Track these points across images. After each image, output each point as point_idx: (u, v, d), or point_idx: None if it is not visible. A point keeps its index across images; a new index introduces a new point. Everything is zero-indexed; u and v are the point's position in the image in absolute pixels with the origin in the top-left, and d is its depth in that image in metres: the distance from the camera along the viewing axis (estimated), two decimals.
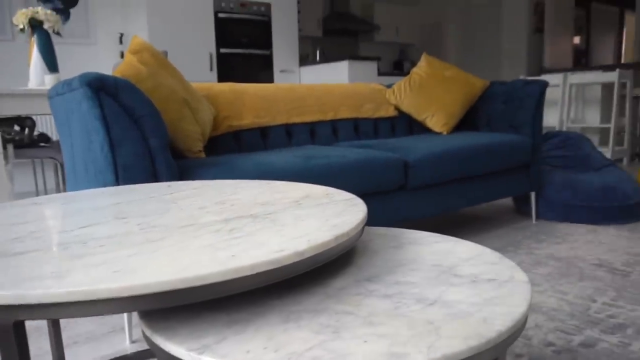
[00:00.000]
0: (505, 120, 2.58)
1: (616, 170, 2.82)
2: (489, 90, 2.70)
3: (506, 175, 2.43)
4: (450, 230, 2.55)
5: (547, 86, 2.51)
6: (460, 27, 8.38)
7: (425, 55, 2.73)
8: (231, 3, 4.93)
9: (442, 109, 2.55)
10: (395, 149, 2.03)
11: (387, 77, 5.66)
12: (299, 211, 0.86)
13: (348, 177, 1.71)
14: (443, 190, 2.14)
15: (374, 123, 2.60)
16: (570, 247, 2.21)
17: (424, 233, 0.96)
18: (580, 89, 5.07)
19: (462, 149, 2.14)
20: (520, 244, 2.28)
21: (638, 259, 2.01)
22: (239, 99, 2.17)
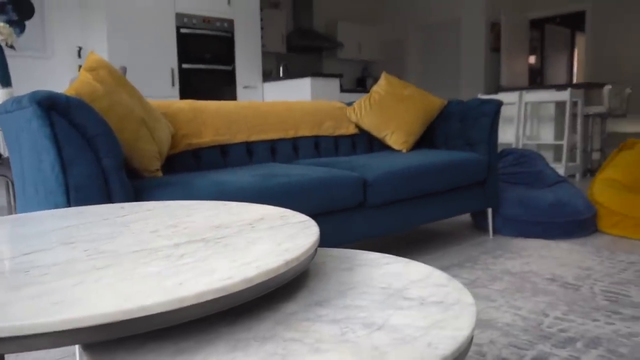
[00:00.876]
0: (462, 138, 2.64)
1: (568, 186, 2.92)
2: (447, 108, 2.77)
3: (463, 192, 2.49)
4: (410, 247, 2.59)
5: (501, 105, 2.59)
6: (421, 46, 8.59)
7: (385, 74, 2.78)
8: (194, 19, 4.91)
9: (402, 127, 2.60)
10: (355, 167, 2.06)
11: (350, 93, 5.73)
12: (252, 234, 0.86)
13: (307, 196, 1.72)
14: (402, 208, 2.18)
15: (335, 141, 2.62)
16: (524, 262, 2.27)
17: (376, 254, 0.97)
18: (535, 107, 5.26)
19: (420, 167, 2.19)
20: (478, 259, 2.33)
21: (588, 273, 2.08)
22: (198, 117, 2.16)
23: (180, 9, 4.83)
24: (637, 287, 1.91)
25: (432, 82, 8.45)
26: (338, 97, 4.94)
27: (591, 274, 2.08)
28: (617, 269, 2.14)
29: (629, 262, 2.23)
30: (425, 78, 8.55)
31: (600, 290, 1.89)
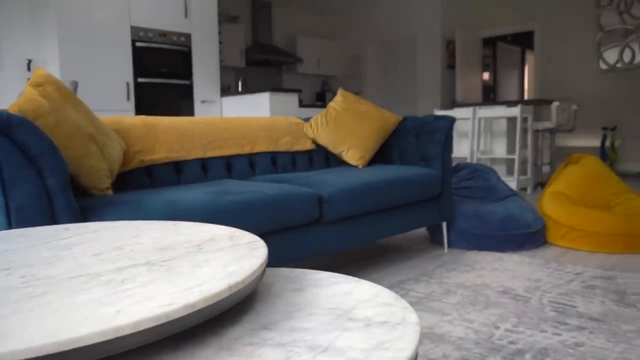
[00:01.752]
0: (417, 153, 2.70)
1: (519, 199, 3.02)
2: (402, 124, 2.82)
3: (419, 207, 2.53)
4: (368, 261, 2.60)
5: (454, 122, 2.66)
6: (379, 61, 8.74)
7: (341, 91, 2.81)
8: (150, 32, 4.85)
9: (358, 143, 2.63)
10: (311, 183, 2.06)
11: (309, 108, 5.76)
12: (199, 257, 0.84)
13: (261, 214, 1.71)
14: (359, 223, 2.19)
15: (292, 156, 2.62)
16: (478, 275, 2.32)
17: (326, 274, 0.97)
18: (488, 122, 5.42)
19: (376, 183, 2.21)
20: (433, 273, 2.36)
21: (537, 285, 2.15)
22: (151, 133, 2.12)
23: (136, 22, 4.76)
24: (583, 298, 1.98)
25: (391, 97, 8.60)
26: (297, 112, 4.95)
27: (540, 285, 2.14)
28: (564, 280, 2.21)
29: (575, 273, 2.31)
30: (384, 93, 8.70)
31: (549, 301, 1.95)
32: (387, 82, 8.64)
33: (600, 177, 3.07)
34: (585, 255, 2.64)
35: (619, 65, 6.92)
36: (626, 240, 2.63)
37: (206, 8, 5.29)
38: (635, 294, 2.01)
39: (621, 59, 6.89)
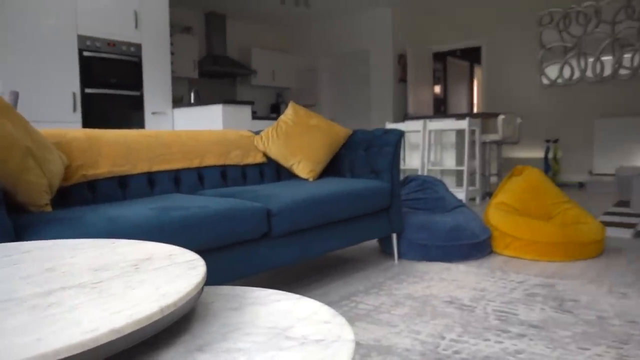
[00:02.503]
0: (367, 166, 2.73)
1: (466, 210, 3.10)
2: (352, 138, 2.85)
3: (369, 219, 2.56)
4: (318, 274, 2.61)
5: (403, 135, 2.72)
6: (333, 74, 8.84)
7: (292, 104, 2.83)
8: (97, 42, 4.73)
9: (308, 156, 2.64)
10: (260, 197, 2.05)
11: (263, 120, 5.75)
12: (134, 277, 0.82)
13: (208, 229, 1.69)
14: (309, 237, 2.19)
15: (242, 170, 2.61)
16: (426, 285, 2.36)
17: (267, 291, 0.97)
18: (438, 135, 5.57)
19: (325, 196, 2.22)
20: (383, 285, 2.39)
21: (483, 294, 2.21)
22: (95, 146, 2.06)
23: (84, 31, 4.63)
24: (524, 305, 2.05)
25: (345, 110, 8.70)
26: (250, 124, 4.93)
27: (485, 294, 2.20)
28: (508, 288, 2.28)
29: (518, 281, 2.39)
30: (339, 105, 8.79)
31: (493, 310, 2.01)
32: (341, 94, 8.74)
33: (542, 188, 3.20)
34: (528, 264, 2.74)
35: (560, 81, 7.27)
36: (565, 249, 2.75)
37: (157, 18, 5.21)
38: (573, 300, 2.10)
39: (561, 75, 7.24)
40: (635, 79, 6.73)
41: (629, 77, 6.74)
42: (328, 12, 8.18)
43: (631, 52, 6.71)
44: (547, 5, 7.30)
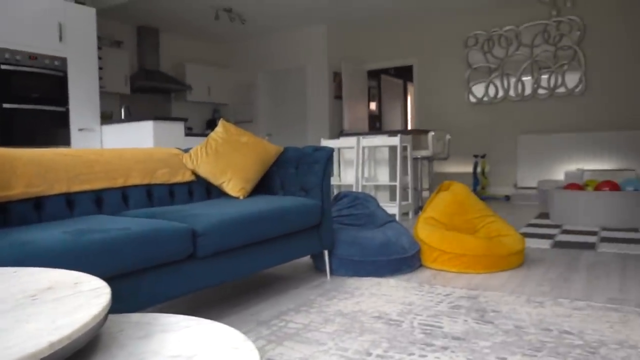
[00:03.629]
0: (298, 184, 2.74)
1: (396, 225, 3.17)
2: (283, 155, 2.86)
3: (300, 236, 2.56)
4: (249, 294, 2.57)
5: (332, 152, 2.75)
6: (270, 90, 8.85)
7: (222, 121, 2.80)
8: (18, 55, 4.49)
9: (238, 174, 2.62)
10: (186, 217, 2.01)
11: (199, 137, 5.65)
12: (29, 309, 0.78)
13: (128, 252, 1.63)
14: (237, 256, 2.17)
15: (170, 189, 2.54)
16: (356, 301, 2.39)
17: (179, 317, 0.94)
18: (372, 151, 5.69)
19: (255, 214, 2.21)
20: (314, 302, 2.39)
21: (410, 308, 2.26)
22: (7, 166, 1.94)
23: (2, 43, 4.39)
24: (449, 318, 2.11)
25: (282, 125, 8.72)
26: (183, 141, 4.84)
27: (412, 308, 2.25)
28: (434, 301, 2.35)
29: (445, 294, 2.47)
30: (276, 121, 8.80)
31: (419, 323, 2.05)
32: (278, 110, 8.77)
33: (467, 202, 3.33)
34: (454, 277, 2.83)
35: (485, 99, 7.65)
36: (488, 261, 2.87)
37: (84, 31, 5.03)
38: (494, 311, 2.19)
39: (487, 94, 7.63)
40: (552, 99, 7.20)
41: (546, 96, 7.21)
42: (264, 28, 8.22)
43: (548, 73, 7.18)
44: (473, 28, 7.69)
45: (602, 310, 2.18)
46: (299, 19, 7.69)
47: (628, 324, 1.99)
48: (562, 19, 7.00)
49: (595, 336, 1.87)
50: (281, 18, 7.60)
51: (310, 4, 6.92)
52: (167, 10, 7.05)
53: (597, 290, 2.50)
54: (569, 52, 7.01)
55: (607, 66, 6.83)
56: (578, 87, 6.97)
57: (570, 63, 7.01)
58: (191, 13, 7.20)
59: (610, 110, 6.84)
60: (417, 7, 7.26)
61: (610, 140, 6.73)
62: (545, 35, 7.15)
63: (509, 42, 7.42)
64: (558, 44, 7.07)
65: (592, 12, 6.87)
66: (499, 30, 7.47)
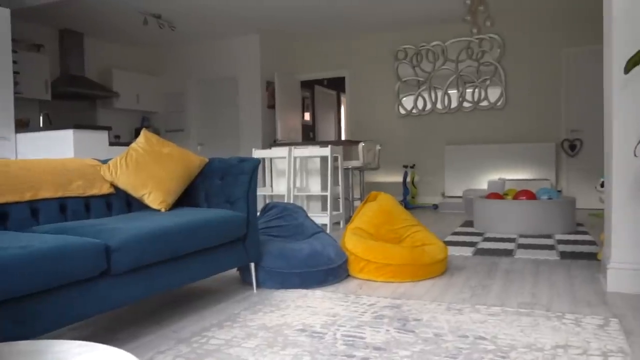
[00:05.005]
0: (223, 195, 2.69)
1: (324, 236, 3.19)
2: (208, 166, 2.80)
3: (224, 249, 2.51)
4: (173, 310, 2.49)
5: (259, 164, 2.73)
6: (201, 99, 8.70)
7: (144, 132, 2.71)
8: None
9: (160, 186, 2.54)
10: (100, 232, 1.91)
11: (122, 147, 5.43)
12: None
13: (31, 271, 1.52)
14: (157, 271, 2.09)
15: (86, 202, 2.42)
16: (281, 314, 2.36)
17: (73, 343, 0.89)
18: (304, 161, 5.71)
19: (176, 227, 2.14)
20: (238, 316, 2.34)
21: (334, 319, 2.26)
22: None
23: None
24: (371, 328, 2.13)
25: (214, 135, 8.58)
26: (107, 151, 4.63)
27: (337, 319, 2.26)
28: (358, 312, 2.37)
29: (369, 304, 2.50)
30: (208, 130, 8.65)
31: (342, 335, 2.06)
32: (210, 119, 8.62)
33: (393, 212, 3.41)
34: (380, 286, 2.88)
35: (414, 111, 7.90)
36: (413, 270, 2.94)
37: None
38: (416, 320, 2.24)
39: (416, 106, 7.88)
40: (476, 112, 7.55)
41: (471, 109, 7.55)
42: (196, 36, 8.08)
43: (472, 87, 7.53)
44: (402, 42, 7.94)
45: (515, 315, 2.28)
46: (231, 28, 7.62)
47: (537, 328, 2.10)
48: (484, 37, 7.38)
49: (507, 340, 1.95)
50: (213, 26, 7.51)
51: (243, 13, 6.89)
52: (92, 14, 6.77)
53: (511, 296, 2.62)
54: (491, 68, 7.39)
55: (524, 82, 7.25)
56: (499, 101, 7.36)
57: (492, 78, 7.39)
58: (118, 18, 6.95)
59: (528, 123, 7.26)
60: (349, 20, 7.40)
61: (529, 152, 7.14)
62: (469, 51, 7.50)
63: (436, 56, 7.71)
64: (481, 60, 7.43)
65: (510, 31, 7.29)
66: (427, 45, 7.76)
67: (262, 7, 6.64)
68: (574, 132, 7.03)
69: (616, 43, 2.59)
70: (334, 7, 6.72)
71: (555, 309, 2.39)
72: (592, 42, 6.82)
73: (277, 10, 6.79)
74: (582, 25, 6.89)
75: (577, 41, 6.93)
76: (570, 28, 6.97)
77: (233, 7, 6.62)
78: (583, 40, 6.89)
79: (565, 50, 7.01)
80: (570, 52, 6.99)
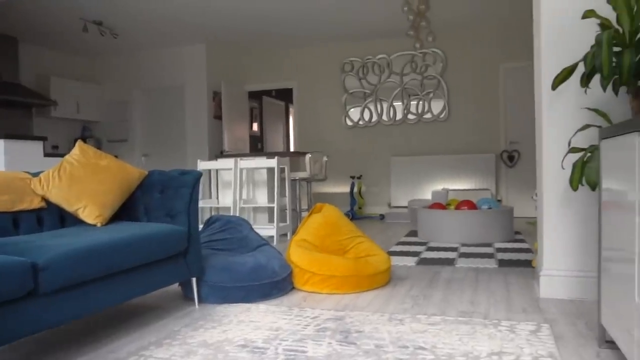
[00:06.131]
0: (163, 209, 2.63)
1: (269, 249, 3.16)
2: (148, 179, 2.73)
3: (164, 265, 2.44)
4: (111, 328, 2.39)
5: (201, 176, 2.68)
6: (146, 108, 8.49)
7: (80, 143, 2.61)
8: None
9: (96, 200, 2.44)
10: (27, 250, 1.81)
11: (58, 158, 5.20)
12: None
13: None
14: (90, 290, 2.00)
15: (14, 217, 2.29)
16: (223, 330, 2.32)
17: None
18: (251, 173, 5.66)
19: (111, 243, 2.06)
20: (178, 334, 2.28)
21: (277, 334, 2.24)
22: None
23: None
24: (314, 342, 2.12)
25: (159, 146, 8.37)
26: (41, 163, 4.42)
27: (279, 334, 2.24)
28: (301, 325, 2.36)
29: (313, 317, 2.49)
30: (152, 141, 8.43)
31: (283, 349, 2.04)
32: (156, 129, 8.41)
33: (338, 224, 3.43)
34: (324, 298, 2.88)
35: (361, 123, 8.02)
36: (356, 281, 2.96)
37: None
38: (358, 331, 2.25)
39: (362, 117, 8.01)
40: (421, 124, 7.75)
41: (415, 121, 7.74)
42: (140, 44, 7.89)
43: (416, 100, 7.73)
44: (349, 54, 8.06)
45: (454, 323, 2.34)
46: (177, 36, 7.49)
47: (475, 336, 2.15)
48: (427, 51, 7.61)
49: (445, 349, 1.99)
50: (158, 34, 7.36)
51: (189, 22, 6.79)
52: (28, 19, 6.49)
53: (451, 305, 2.69)
54: (434, 81, 7.62)
55: (466, 95, 7.52)
56: (442, 113, 7.59)
57: (435, 91, 7.61)
58: (56, 23, 6.69)
59: (470, 135, 7.52)
60: (297, 32, 7.44)
61: (470, 162, 7.39)
62: (413, 65, 7.71)
63: (381, 69, 7.88)
64: (424, 73, 7.65)
65: (452, 46, 7.55)
66: (373, 58, 7.91)
67: (208, 16, 6.58)
68: (512, 143, 7.34)
69: (544, 61, 2.73)
70: (280, 18, 6.74)
71: (492, 316, 2.47)
72: (528, 58, 7.17)
73: (223, 20, 6.75)
74: (519, 42, 7.23)
75: (514, 57, 7.27)
76: (507, 44, 7.30)
77: (178, 16, 6.52)
78: (519, 56, 7.23)
79: (503, 66, 7.33)
80: (508, 67, 7.32)
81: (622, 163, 1.60)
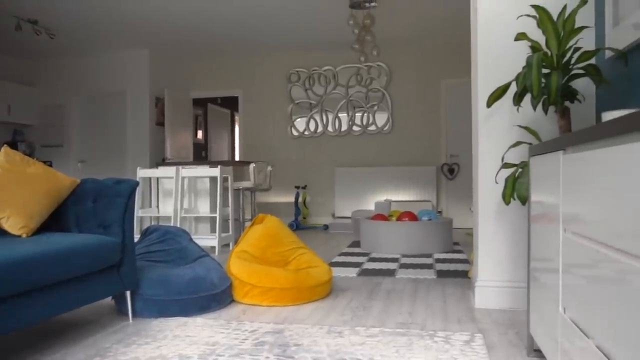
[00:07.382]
0: (96, 219, 2.51)
1: (208, 260, 3.09)
2: (80, 188, 2.60)
3: (96, 278, 2.33)
4: (33, 348, 2.25)
5: (137, 186, 2.59)
6: (84, 114, 8.16)
7: (5, 149, 2.46)
8: None
9: (21, 209, 2.30)
10: None
11: None
12: None
13: None
14: (13, 305, 1.87)
15: None
16: (157, 345, 2.23)
17: None
18: (193, 181, 5.54)
19: (37, 255, 1.94)
20: (109, 350, 2.18)
21: (213, 349, 2.18)
22: None
23: None
24: (251, 356, 2.08)
25: (98, 152, 8.06)
26: None
27: (216, 349, 2.18)
28: (239, 339, 2.31)
29: (251, 330, 2.45)
30: (90, 147, 8.10)
31: None
32: (94, 135, 8.09)
33: (279, 235, 3.40)
34: (264, 311, 2.84)
35: (307, 133, 8.05)
36: (297, 293, 2.94)
37: None
38: (296, 345, 2.23)
39: (308, 128, 8.04)
40: (365, 135, 7.87)
41: (360, 133, 7.86)
42: (79, 47, 7.58)
43: (361, 112, 7.85)
44: (295, 65, 8.09)
45: (392, 335, 2.36)
46: (118, 40, 7.26)
47: (411, 347, 2.18)
48: (372, 65, 7.75)
49: None
50: (99, 37, 7.10)
51: (132, 24, 6.60)
52: None
53: (390, 316, 2.72)
54: (379, 94, 7.77)
55: (409, 109, 7.71)
56: (386, 126, 7.74)
57: (380, 104, 7.76)
58: None
59: (412, 147, 7.71)
60: (243, 40, 7.39)
61: (413, 174, 7.56)
62: (358, 77, 7.83)
63: (327, 81, 7.95)
64: (369, 86, 7.79)
65: (396, 61, 7.74)
66: (319, 69, 7.97)
67: (152, 21, 6.42)
68: (452, 157, 7.58)
69: (480, 80, 2.84)
70: (227, 26, 6.68)
71: (429, 327, 2.51)
72: (468, 75, 7.45)
73: (167, 25, 6.60)
74: (459, 59, 7.50)
75: (455, 73, 7.53)
76: (448, 61, 7.56)
77: (120, 19, 6.32)
78: (460, 73, 7.50)
79: (444, 82, 7.58)
80: (449, 83, 7.57)
81: (549, 179, 1.68)
